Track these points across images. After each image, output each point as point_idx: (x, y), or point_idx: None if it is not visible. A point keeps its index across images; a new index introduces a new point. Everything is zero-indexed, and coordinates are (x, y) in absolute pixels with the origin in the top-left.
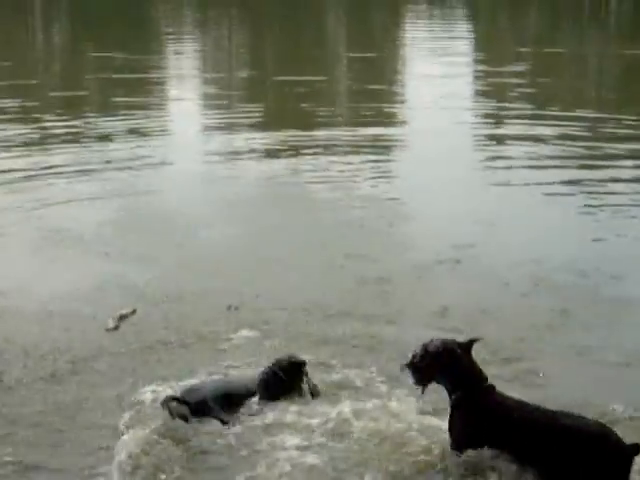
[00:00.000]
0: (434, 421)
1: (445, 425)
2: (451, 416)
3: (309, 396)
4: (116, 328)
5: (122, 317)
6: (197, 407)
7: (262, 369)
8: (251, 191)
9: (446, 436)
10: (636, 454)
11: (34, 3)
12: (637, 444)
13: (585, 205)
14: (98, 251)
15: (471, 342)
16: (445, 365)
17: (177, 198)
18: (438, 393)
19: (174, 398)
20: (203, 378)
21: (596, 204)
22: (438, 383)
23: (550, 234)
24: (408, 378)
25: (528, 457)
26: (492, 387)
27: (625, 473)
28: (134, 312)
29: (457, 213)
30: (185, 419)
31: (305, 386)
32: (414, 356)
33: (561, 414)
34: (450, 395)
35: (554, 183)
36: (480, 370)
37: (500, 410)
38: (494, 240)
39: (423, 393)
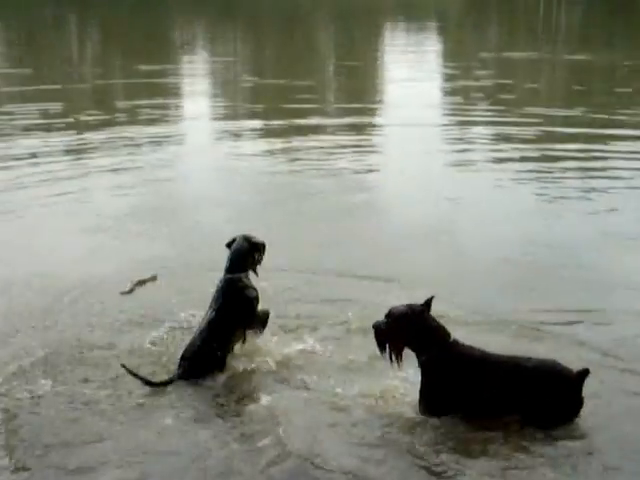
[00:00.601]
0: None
1: None
2: (424, 377)
3: None
4: (131, 292)
5: (140, 282)
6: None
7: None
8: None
9: None
10: (585, 376)
11: (70, 22)
12: (586, 368)
13: (540, 192)
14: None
15: (429, 300)
16: (413, 327)
17: (192, 187)
18: None
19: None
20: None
21: (549, 190)
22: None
23: (510, 215)
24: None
25: (500, 400)
26: (456, 341)
27: (579, 394)
28: (154, 278)
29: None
30: None
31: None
32: (378, 324)
33: (520, 358)
34: (419, 357)
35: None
36: (443, 327)
37: (471, 360)
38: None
39: (399, 367)
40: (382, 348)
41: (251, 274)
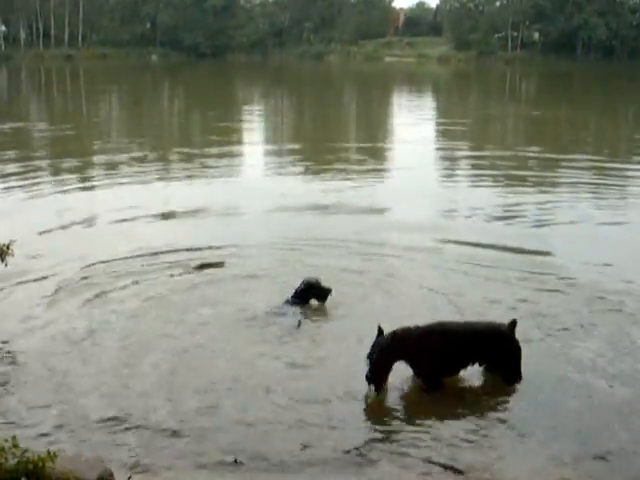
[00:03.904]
0: None
1: None
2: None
3: None
4: (198, 268)
5: (209, 265)
6: None
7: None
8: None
9: None
10: (515, 325)
11: (164, 86)
12: (514, 319)
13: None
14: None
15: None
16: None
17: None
18: None
19: None
20: None
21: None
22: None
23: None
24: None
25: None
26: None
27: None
28: (222, 264)
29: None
30: None
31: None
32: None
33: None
34: None
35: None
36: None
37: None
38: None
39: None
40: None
41: None
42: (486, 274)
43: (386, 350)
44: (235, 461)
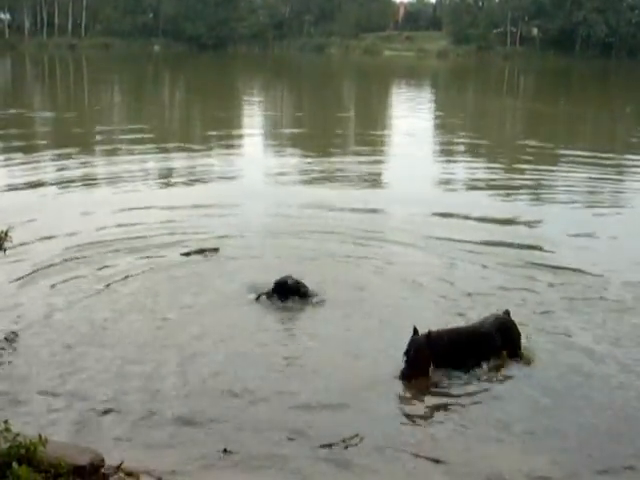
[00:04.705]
0: None
1: None
2: None
3: None
4: (188, 255)
5: (201, 250)
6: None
7: None
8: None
9: None
10: (510, 313)
11: (165, 80)
12: (506, 310)
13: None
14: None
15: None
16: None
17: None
18: None
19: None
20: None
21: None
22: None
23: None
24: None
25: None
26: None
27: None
28: (216, 250)
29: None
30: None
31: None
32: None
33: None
34: None
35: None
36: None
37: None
38: None
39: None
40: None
41: None
42: (476, 258)
43: (421, 349)
44: (225, 450)
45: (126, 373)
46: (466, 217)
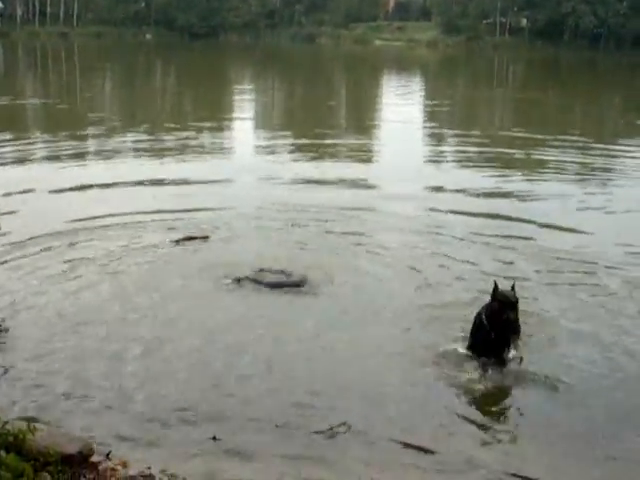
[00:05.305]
0: None
1: None
2: None
3: None
4: (177, 242)
5: (190, 238)
6: None
7: None
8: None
9: None
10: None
11: (157, 68)
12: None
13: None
14: None
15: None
16: None
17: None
18: None
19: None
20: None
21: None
22: None
23: None
24: None
25: None
26: None
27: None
28: (206, 238)
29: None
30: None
31: None
32: None
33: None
34: None
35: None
36: None
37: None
38: None
39: None
40: None
41: None
42: (470, 238)
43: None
44: (213, 438)
45: (105, 358)
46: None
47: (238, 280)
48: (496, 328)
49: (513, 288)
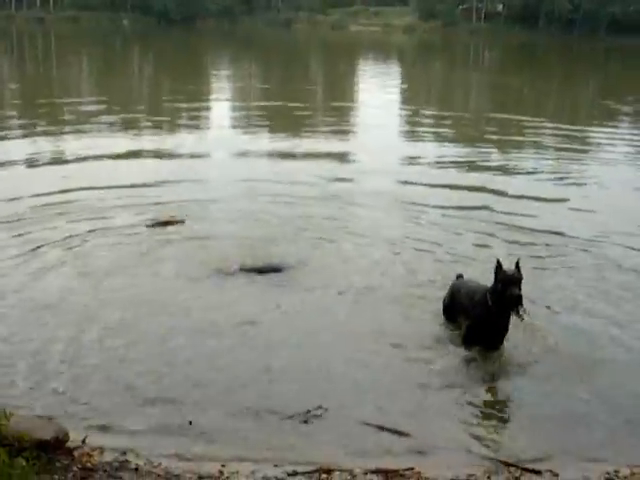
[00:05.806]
0: None
1: None
2: None
3: None
4: (153, 226)
5: (166, 222)
6: None
7: None
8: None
9: None
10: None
11: (134, 53)
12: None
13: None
14: None
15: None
16: None
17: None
18: None
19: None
20: None
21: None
22: None
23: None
24: None
25: None
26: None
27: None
28: (182, 222)
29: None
30: None
31: None
32: None
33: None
34: None
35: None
36: None
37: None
38: None
39: None
40: None
41: None
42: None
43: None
44: (190, 423)
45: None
46: (432, 185)
47: (217, 268)
48: (500, 308)
49: (517, 265)
